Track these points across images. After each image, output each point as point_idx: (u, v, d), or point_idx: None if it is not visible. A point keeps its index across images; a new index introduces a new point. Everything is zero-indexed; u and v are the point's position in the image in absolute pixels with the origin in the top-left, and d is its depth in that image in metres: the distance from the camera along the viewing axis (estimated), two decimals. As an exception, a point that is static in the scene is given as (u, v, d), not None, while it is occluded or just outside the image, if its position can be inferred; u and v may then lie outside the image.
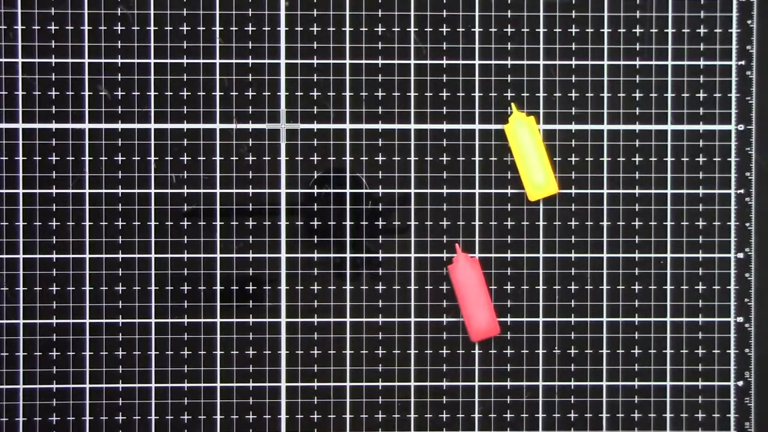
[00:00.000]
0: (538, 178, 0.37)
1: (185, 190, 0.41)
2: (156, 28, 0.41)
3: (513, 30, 0.41)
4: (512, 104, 0.40)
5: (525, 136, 0.37)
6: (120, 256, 0.41)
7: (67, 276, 0.41)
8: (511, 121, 0.38)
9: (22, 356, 0.41)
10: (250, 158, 0.41)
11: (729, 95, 0.41)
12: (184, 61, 0.41)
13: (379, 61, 0.41)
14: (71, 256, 0.41)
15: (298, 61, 0.41)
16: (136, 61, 0.41)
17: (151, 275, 0.41)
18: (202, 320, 0.41)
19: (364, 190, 0.41)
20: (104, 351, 0.41)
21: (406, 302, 0.41)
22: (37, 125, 0.41)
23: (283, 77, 0.41)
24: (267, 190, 0.41)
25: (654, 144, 0.41)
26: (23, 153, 0.41)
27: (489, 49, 0.41)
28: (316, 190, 0.41)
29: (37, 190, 0.41)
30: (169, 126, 0.41)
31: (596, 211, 0.41)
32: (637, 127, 0.41)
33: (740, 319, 0.41)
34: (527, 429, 0.41)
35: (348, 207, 0.41)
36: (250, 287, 0.41)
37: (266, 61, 0.41)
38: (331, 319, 0.41)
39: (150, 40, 0.41)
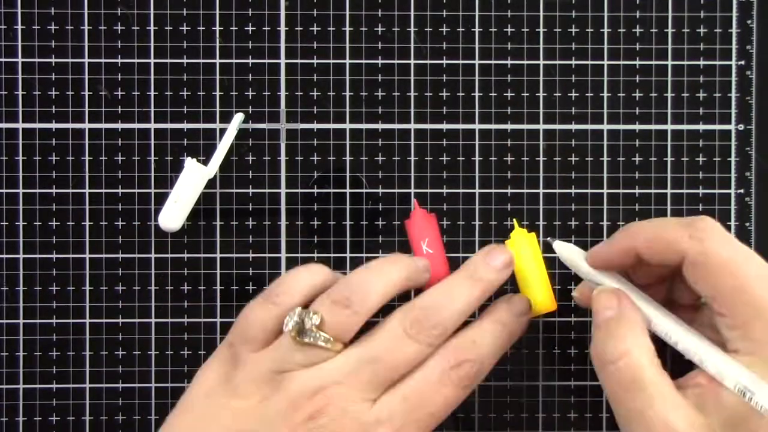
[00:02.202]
0: (537, 296, 0.38)
1: (185, 190, 0.41)
2: (156, 28, 0.41)
3: (513, 30, 0.41)
4: (514, 220, 0.40)
5: (526, 254, 0.38)
6: (120, 256, 0.41)
7: (67, 276, 0.41)
8: (513, 237, 0.38)
9: (22, 356, 0.41)
10: (250, 158, 0.41)
11: (729, 95, 0.41)
12: (184, 61, 0.41)
13: (379, 61, 0.41)
14: (71, 255, 0.41)
15: (298, 61, 0.41)
16: (136, 61, 0.41)
17: (151, 275, 0.41)
18: (202, 320, 0.41)
19: (364, 190, 0.41)
20: (104, 351, 0.41)
21: (405, 302, 0.41)
22: (37, 125, 0.41)
23: (283, 77, 0.41)
24: (267, 190, 0.41)
25: (654, 144, 0.41)
26: (23, 153, 0.41)
27: (489, 49, 0.41)
28: (316, 190, 0.41)
29: (37, 190, 0.41)
30: (169, 126, 0.41)
31: (596, 210, 0.41)
32: (637, 126, 0.41)
33: (740, 319, 0.41)
34: (527, 429, 0.41)
35: (348, 207, 0.41)
36: (250, 287, 0.41)
37: (266, 61, 0.41)
38: (331, 319, 0.41)
39: (150, 40, 0.41)
